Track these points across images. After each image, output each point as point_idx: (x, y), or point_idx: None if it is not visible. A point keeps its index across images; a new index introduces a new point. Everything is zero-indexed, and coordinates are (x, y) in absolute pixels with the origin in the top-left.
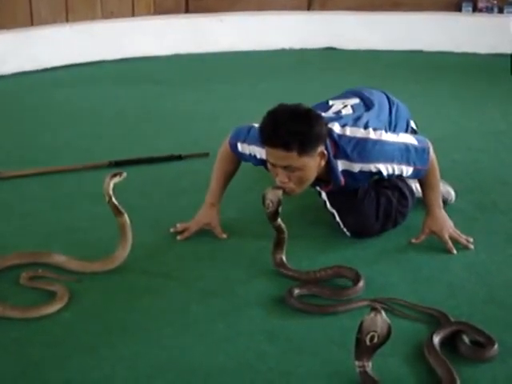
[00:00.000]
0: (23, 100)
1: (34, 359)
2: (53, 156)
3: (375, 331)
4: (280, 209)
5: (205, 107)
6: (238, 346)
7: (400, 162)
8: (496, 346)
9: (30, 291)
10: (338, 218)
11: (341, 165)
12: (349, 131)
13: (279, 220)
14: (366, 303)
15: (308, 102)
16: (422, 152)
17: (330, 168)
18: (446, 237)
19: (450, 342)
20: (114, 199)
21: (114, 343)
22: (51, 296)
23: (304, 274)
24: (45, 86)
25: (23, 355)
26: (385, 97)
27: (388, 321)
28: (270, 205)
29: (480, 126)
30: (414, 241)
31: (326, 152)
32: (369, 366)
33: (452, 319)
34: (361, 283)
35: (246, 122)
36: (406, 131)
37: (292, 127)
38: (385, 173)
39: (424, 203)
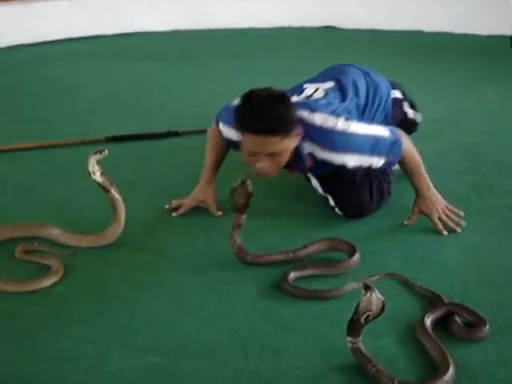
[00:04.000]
0: (20, 73)
1: (28, 330)
2: (50, 130)
3: (371, 310)
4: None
5: (203, 83)
6: (232, 322)
7: (371, 154)
8: (488, 327)
9: (25, 265)
10: (331, 202)
11: (307, 147)
12: (318, 117)
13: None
14: (358, 285)
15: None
16: (393, 144)
17: (296, 150)
18: (436, 219)
19: (443, 322)
20: (96, 176)
21: (108, 317)
22: (46, 270)
23: (289, 252)
24: (42, 59)
25: (17, 327)
26: (362, 78)
27: (382, 298)
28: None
29: (478, 107)
30: (406, 222)
31: (301, 130)
32: (360, 341)
33: (445, 300)
34: (355, 256)
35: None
36: (385, 108)
37: (275, 111)
38: (351, 164)
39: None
